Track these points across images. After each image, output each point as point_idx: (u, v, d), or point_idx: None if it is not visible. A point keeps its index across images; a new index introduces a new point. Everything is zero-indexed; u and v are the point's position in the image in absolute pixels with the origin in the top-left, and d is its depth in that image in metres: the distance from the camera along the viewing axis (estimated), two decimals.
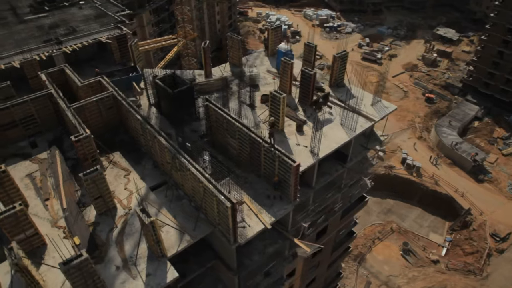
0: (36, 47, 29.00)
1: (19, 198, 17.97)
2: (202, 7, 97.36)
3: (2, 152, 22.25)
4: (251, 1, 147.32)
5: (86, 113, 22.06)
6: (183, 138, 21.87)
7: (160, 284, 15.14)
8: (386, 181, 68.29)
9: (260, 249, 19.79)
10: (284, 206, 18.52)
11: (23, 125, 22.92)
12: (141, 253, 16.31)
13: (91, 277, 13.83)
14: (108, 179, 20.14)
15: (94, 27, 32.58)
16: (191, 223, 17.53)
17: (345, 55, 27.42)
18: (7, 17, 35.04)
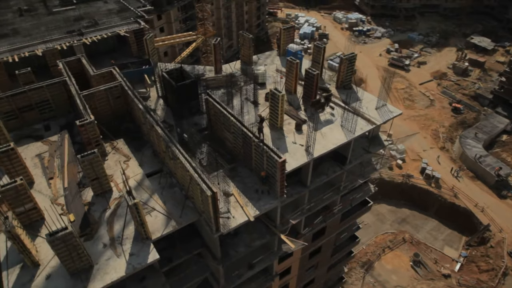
0: (59, 37, 30.82)
1: (25, 175, 19.38)
2: (231, 6, 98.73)
3: (18, 133, 23.93)
4: (282, 2, 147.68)
5: (95, 101, 23.34)
6: (182, 129, 22.69)
7: (141, 264, 15.96)
8: (403, 190, 66.75)
9: (247, 242, 20.24)
10: (270, 201, 18.90)
11: (39, 109, 24.53)
12: (128, 234, 17.21)
13: (76, 250, 14.84)
14: (108, 164, 21.41)
15: (115, 21, 34.16)
16: (179, 210, 18.27)
17: (353, 58, 27.35)
18: (38, 9, 37.35)
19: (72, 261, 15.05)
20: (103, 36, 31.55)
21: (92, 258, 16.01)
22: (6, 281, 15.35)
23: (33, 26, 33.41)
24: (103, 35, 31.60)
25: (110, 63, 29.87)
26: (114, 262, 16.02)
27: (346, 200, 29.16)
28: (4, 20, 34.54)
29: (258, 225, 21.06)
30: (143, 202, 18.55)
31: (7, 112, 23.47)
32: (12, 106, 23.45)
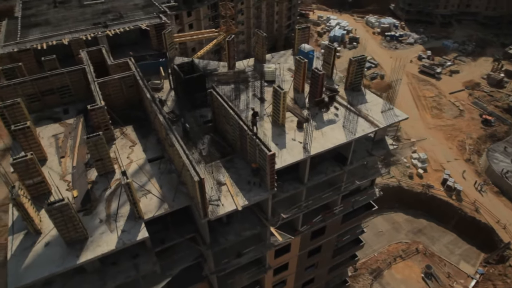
0: (85, 28, 32.87)
1: (38, 152, 21.08)
2: (261, 6, 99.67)
3: (40, 114, 25.88)
4: (315, 4, 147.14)
5: (109, 88, 24.85)
6: (186, 120, 23.73)
7: (131, 240, 17.07)
8: (422, 200, 65.05)
9: (237, 231, 20.96)
10: (261, 193, 19.51)
11: (59, 93, 26.40)
12: (123, 213, 18.39)
13: (71, 221, 16.14)
14: (115, 148, 22.76)
15: (139, 15, 35.92)
16: (173, 194, 19.27)
17: (363, 60, 27.28)
18: (71, 1, 39.88)
19: (68, 231, 16.37)
20: (126, 29, 33.29)
21: (88, 231, 17.30)
22: (11, 245, 16.92)
23: (64, 17, 35.76)
24: (125, 28, 33.35)
25: (135, 55, 31.63)
26: (107, 237, 17.22)
27: (348, 202, 29.18)
28: (39, 11, 37.17)
29: (251, 217, 21.74)
30: (140, 185, 19.71)
31: (30, 94, 25.45)
32: (35, 89, 25.40)
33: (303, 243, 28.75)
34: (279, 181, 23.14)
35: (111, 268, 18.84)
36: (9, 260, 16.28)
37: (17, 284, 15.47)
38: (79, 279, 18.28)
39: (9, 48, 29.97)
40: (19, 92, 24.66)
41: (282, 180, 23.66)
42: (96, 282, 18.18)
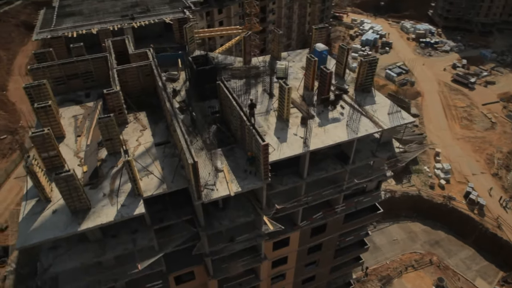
0: (114, 20, 34.92)
1: (57, 129, 23.00)
2: (293, 6, 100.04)
3: (64, 96, 27.99)
4: (350, 7, 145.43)
5: (127, 76, 26.46)
6: (195, 110, 24.92)
7: (128, 214, 18.41)
8: (442, 211, 63.18)
9: (232, 217, 21.87)
10: (255, 181, 20.32)
11: (83, 78, 28.41)
12: (125, 189, 19.78)
13: (76, 191, 17.69)
14: (127, 131, 24.37)
15: (165, 9, 37.61)
16: (172, 176, 20.47)
17: (374, 61, 27.34)
18: None
19: (72, 201, 17.94)
20: (150, 22, 35.06)
21: (91, 203, 18.83)
22: (23, 209, 18.74)
23: (96, 9, 38.11)
24: (150, 21, 35.13)
25: (157, 46, 33.43)
26: (108, 209, 18.67)
27: (351, 202, 29.34)
28: (75, 2, 39.81)
29: (246, 205, 22.58)
30: (144, 166, 21.06)
31: (57, 77, 27.59)
32: (62, 73, 27.52)
33: (302, 238, 29.22)
34: (279, 174, 24.02)
35: (112, 240, 20.32)
36: (20, 222, 18.07)
37: (24, 243, 17.20)
38: (82, 247, 19.90)
39: (43, 34, 32.48)
40: (47, 75, 26.81)
41: (282, 173, 24.42)
42: (97, 251, 19.72)
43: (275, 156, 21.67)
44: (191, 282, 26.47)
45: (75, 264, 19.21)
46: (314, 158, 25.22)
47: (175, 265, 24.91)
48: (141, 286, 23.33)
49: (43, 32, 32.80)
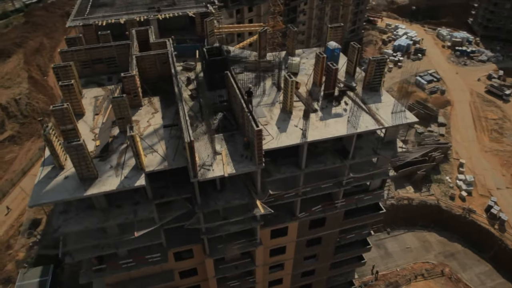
0: (141, 11, 37.20)
1: (77, 106, 25.22)
2: (325, 8, 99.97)
3: (89, 79, 30.36)
4: (386, 12, 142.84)
5: (145, 62, 28.41)
6: (205, 97, 26.42)
7: (129, 185, 20.13)
8: (460, 224, 61.32)
9: (227, 199, 23.13)
10: (249, 165, 21.46)
11: (106, 63, 30.67)
12: (130, 164, 21.53)
13: (84, 160, 19.59)
14: (140, 113, 26.26)
15: (190, 3, 39.53)
16: (173, 155, 22.01)
17: (382, 61, 27.66)
18: None
19: (81, 168, 19.87)
20: (175, 15, 37.03)
21: (98, 173, 20.71)
22: (39, 174, 20.92)
23: (126, 1, 40.61)
24: (174, 13, 37.10)
25: (179, 38, 35.49)
26: (112, 179, 20.48)
27: (351, 199, 29.74)
28: None
29: (243, 189, 23.76)
30: (150, 145, 22.76)
31: (84, 61, 30.00)
32: (88, 57, 29.90)
33: (301, 230, 29.95)
34: (278, 163, 25.04)
35: (115, 209, 22.17)
36: (35, 184, 20.23)
37: (36, 202, 19.35)
38: (89, 213, 21.87)
39: (76, 22, 35.24)
40: (74, 58, 29.23)
41: (282, 163, 25.39)
42: (101, 217, 21.61)
43: (273, 145, 22.73)
44: (190, 260, 27.96)
45: (81, 227, 21.18)
46: (314, 151, 26.01)
47: (175, 242, 26.54)
48: (142, 257, 25.09)
49: (76, 20, 35.57)
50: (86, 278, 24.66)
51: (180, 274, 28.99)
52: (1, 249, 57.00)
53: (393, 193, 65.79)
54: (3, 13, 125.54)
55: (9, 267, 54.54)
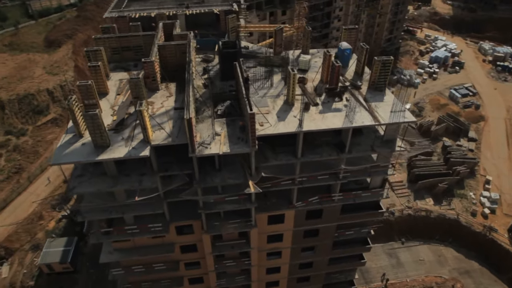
0: (171, 7, 40.28)
1: (102, 86, 28.32)
2: (360, 15, 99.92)
3: (117, 64, 33.61)
4: (427, 23, 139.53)
5: (166, 51, 31.10)
6: (217, 86, 28.75)
7: (135, 154, 22.67)
8: (479, 241, 59.44)
9: (224, 178, 25.11)
10: (243, 147, 23.34)
11: (134, 50, 33.78)
12: (139, 137, 24.07)
13: (99, 129, 22.36)
14: (156, 96, 28.96)
15: (217, 2, 42.12)
16: (177, 132, 24.38)
17: (388, 61, 28.41)
18: None
19: (95, 137, 22.66)
20: (201, 11, 39.76)
21: (110, 142, 23.43)
22: (62, 139, 23.99)
23: None
24: (201, 10, 39.84)
25: (203, 32, 38.24)
26: (121, 149, 23.11)
27: (349, 194, 30.67)
28: None
29: (239, 170, 25.64)
30: (159, 123, 25.24)
31: (114, 48, 33.30)
32: (118, 44, 33.16)
33: (297, 219, 31.25)
34: (277, 150, 26.75)
35: (124, 177, 24.81)
36: (57, 148, 23.29)
37: (56, 161, 22.37)
38: (101, 178, 24.65)
39: (112, 14, 38.89)
40: (106, 44, 32.58)
41: (280, 151, 27.03)
42: (110, 182, 24.32)
43: (269, 131, 24.48)
44: (190, 235, 30.17)
45: (93, 189, 24.03)
46: (313, 143, 27.43)
47: (177, 216, 28.88)
48: (145, 225, 27.63)
49: (112, 12, 39.25)
50: (95, 239, 27.59)
51: (181, 249, 31.28)
52: (34, 219, 62.57)
53: (411, 204, 64.94)
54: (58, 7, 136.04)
55: (39, 235, 59.80)
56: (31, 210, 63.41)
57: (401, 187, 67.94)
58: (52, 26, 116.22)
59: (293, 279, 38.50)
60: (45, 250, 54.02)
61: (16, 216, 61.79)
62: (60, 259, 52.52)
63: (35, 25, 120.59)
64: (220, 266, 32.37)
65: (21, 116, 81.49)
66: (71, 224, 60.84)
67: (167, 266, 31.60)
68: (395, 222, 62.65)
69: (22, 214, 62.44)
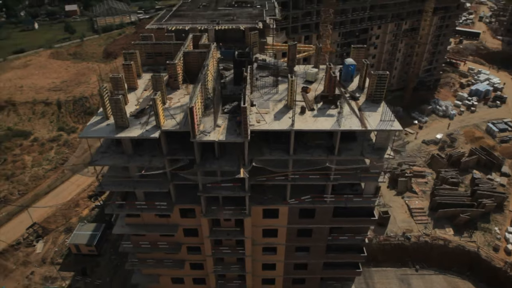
0: (203, 22, 45.71)
1: (132, 82, 33.47)
2: (397, 43, 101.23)
3: (150, 67, 38.91)
4: (472, 56, 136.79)
5: (190, 57, 35.87)
6: (225, 87, 32.80)
7: (147, 135, 26.91)
8: (499, 278, 56.69)
9: (220, 165, 28.61)
10: (236, 137, 26.81)
11: (165, 56, 39.02)
12: (154, 123, 28.44)
13: (120, 111, 27.04)
14: (175, 93, 33.54)
15: (245, 20, 47.01)
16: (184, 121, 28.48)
17: (384, 76, 30.79)
18: (211, 6, 54.30)
19: (116, 118, 27.33)
20: (228, 27, 44.70)
21: (129, 124, 27.99)
22: (92, 120, 29.01)
23: (199, 15, 49.85)
24: (229, 26, 44.81)
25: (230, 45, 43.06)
26: (136, 130, 27.52)
27: (341, 196, 32.68)
28: (188, 8, 52.60)
29: (235, 160, 29.01)
30: (171, 114, 29.52)
31: (148, 53, 38.81)
32: (152, 50, 38.65)
33: (291, 216, 33.63)
34: (272, 147, 29.91)
35: (138, 157, 29.18)
36: (87, 125, 28.27)
37: (84, 135, 27.28)
38: (119, 155, 29.19)
39: (153, 26, 45.01)
40: (142, 49, 38.18)
41: (275, 148, 30.14)
42: (126, 159, 28.77)
43: (263, 127, 27.84)
44: (192, 219, 33.65)
45: (111, 163, 28.60)
46: (306, 145, 30.28)
47: (181, 200, 32.61)
48: (152, 202, 31.64)
49: (154, 24, 45.41)
50: (110, 210, 32.00)
51: (184, 232, 34.81)
52: (71, 206, 69.53)
53: (429, 231, 63.76)
54: (120, 24, 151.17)
55: (73, 220, 66.36)
56: (69, 198, 70.66)
57: (421, 214, 66.97)
58: (112, 40, 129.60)
59: (288, 280, 40.27)
60: (76, 232, 60.06)
61: (56, 202, 69.17)
62: (87, 242, 58.12)
63: (97, 39, 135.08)
64: (217, 252, 35.36)
65: (74, 115, 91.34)
66: (101, 213, 66.83)
67: (170, 246, 35.16)
68: (411, 247, 61.74)
69: (61, 200, 69.78)
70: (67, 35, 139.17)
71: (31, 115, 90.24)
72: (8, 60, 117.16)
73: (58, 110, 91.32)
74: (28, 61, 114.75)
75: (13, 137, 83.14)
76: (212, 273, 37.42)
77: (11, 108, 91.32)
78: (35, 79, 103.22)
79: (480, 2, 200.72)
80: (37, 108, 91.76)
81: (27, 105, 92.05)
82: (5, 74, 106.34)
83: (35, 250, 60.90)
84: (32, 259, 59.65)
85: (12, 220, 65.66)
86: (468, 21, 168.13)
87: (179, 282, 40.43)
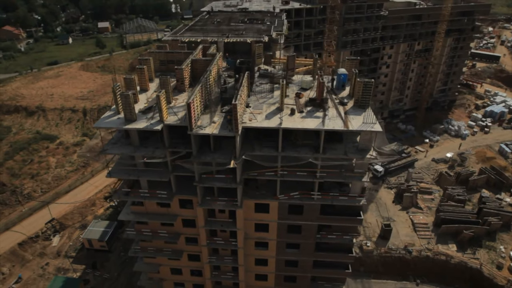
0: (214, 35, 50.04)
1: (144, 84, 37.62)
2: (410, 63, 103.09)
3: (162, 73, 43.23)
4: (490, 79, 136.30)
5: (197, 64, 39.89)
6: (226, 91, 36.37)
7: (151, 127, 30.54)
8: None
9: (214, 157, 31.79)
10: (228, 132, 30.02)
11: (176, 63, 43.24)
12: (158, 118, 32.15)
13: (129, 106, 30.93)
14: (181, 95, 37.35)
15: (253, 35, 51.02)
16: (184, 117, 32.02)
17: (369, 83, 33.42)
18: (225, 23, 58.90)
19: (125, 112, 31.22)
20: (237, 40, 48.77)
21: (137, 118, 31.80)
22: (106, 113, 33.04)
23: (211, 29, 54.38)
24: (237, 39, 48.89)
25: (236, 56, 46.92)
26: (142, 123, 31.25)
27: (327, 195, 34.98)
28: (204, 23, 57.32)
29: (229, 154, 32.12)
30: (174, 111, 33.18)
31: (162, 60, 43.21)
32: (164, 58, 43.05)
33: (281, 212, 36.06)
34: (264, 145, 32.91)
35: (143, 148, 32.82)
36: (101, 118, 32.31)
37: (98, 125, 31.26)
38: (127, 146, 32.94)
39: (169, 37, 49.72)
40: (156, 57, 42.61)
41: (266, 145, 33.11)
42: (132, 149, 32.46)
43: (254, 124, 31.01)
44: (190, 210, 36.67)
45: (119, 151, 32.37)
46: (294, 144, 33.11)
47: (181, 190, 35.82)
48: (154, 191, 35.02)
49: (170, 36, 50.13)
50: (117, 196, 35.57)
51: (183, 222, 37.83)
52: (88, 205, 74.04)
53: (432, 246, 63.95)
54: (147, 40, 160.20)
55: (88, 218, 70.65)
56: (87, 197, 75.36)
57: (425, 229, 67.27)
58: (138, 55, 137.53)
59: (280, 277, 42.21)
60: (89, 228, 64.16)
61: (75, 200, 73.94)
62: (99, 237, 61.97)
63: (125, 53, 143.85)
64: (212, 242, 38.06)
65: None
66: (115, 213, 70.87)
67: (169, 235, 38.21)
68: (412, 261, 62.06)
69: (80, 199, 74.54)
70: (98, 49, 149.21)
71: (58, 121, 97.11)
72: (42, 71, 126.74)
73: (83, 117, 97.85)
74: (60, 72, 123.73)
75: (41, 140, 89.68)
76: (207, 264, 40.00)
77: (41, 114, 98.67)
78: (65, 88, 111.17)
79: (503, 27, 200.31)
80: (65, 114, 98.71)
81: (56, 111, 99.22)
82: (39, 83, 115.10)
83: (51, 243, 65.27)
84: (48, 252, 63.91)
85: (33, 215, 70.65)
86: (489, 44, 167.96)
87: (177, 273, 43.15)
